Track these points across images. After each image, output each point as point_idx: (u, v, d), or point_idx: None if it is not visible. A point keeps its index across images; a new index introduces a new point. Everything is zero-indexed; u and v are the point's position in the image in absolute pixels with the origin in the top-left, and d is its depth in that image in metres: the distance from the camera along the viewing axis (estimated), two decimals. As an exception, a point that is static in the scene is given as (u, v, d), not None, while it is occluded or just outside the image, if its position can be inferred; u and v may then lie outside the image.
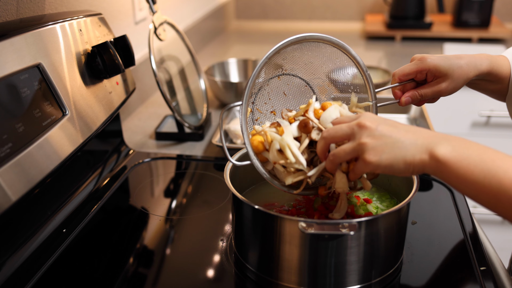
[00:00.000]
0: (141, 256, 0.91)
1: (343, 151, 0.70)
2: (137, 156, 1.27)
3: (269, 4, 2.83)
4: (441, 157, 0.63)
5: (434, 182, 1.12)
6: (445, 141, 0.65)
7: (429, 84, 0.89)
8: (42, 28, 0.89)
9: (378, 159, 0.67)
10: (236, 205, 0.83)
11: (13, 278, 0.81)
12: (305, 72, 0.86)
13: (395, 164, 0.66)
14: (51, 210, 0.96)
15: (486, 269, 0.84)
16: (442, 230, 0.96)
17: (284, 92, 0.84)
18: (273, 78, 0.83)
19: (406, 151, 0.66)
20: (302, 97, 0.87)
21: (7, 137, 0.75)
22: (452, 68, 0.87)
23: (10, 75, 0.78)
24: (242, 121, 0.77)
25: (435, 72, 0.87)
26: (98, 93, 1.03)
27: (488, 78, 0.92)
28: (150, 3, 1.29)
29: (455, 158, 0.63)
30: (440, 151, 0.64)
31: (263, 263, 0.81)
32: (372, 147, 0.67)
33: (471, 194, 0.63)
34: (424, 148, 0.65)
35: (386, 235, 0.77)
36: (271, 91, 0.83)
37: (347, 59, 0.84)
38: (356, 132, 0.69)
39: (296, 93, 0.86)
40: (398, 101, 0.90)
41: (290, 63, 0.83)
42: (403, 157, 0.66)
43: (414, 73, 0.88)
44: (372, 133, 0.67)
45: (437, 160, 0.64)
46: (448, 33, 2.33)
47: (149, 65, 1.58)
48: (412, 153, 0.65)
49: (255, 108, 0.84)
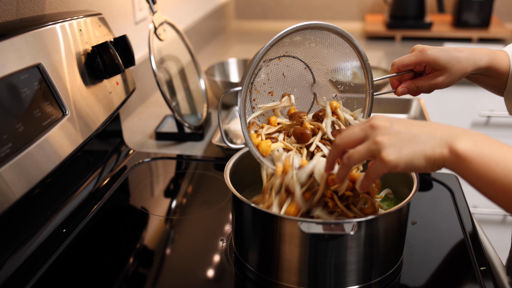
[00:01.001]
0: (141, 256, 0.91)
1: (358, 152, 0.65)
2: (137, 156, 1.27)
3: (269, 4, 2.83)
4: (462, 152, 0.60)
5: (434, 182, 1.12)
6: (466, 135, 0.62)
7: (427, 76, 0.90)
8: (42, 28, 0.89)
9: (397, 156, 0.62)
10: (236, 205, 0.83)
11: (13, 278, 0.81)
12: (306, 56, 0.87)
13: (416, 160, 0.62)
14: (51, 210, 0.96)
15: (486, 269, 0.84)
16: (442, 230, 0.96)
17: (283, 74, 0.85)
18: (273, 59, 0.83)
19: (425, 144, 0.62)
20: (301, 80, 0.87)
21: (7, 137, 0.75)
22: (451, 62, 0.87)
23: (10, 75, 0.78)
24: (241, 105, 0.77)
25: (433, 65, 0.88)
26: (98, 93, 1.03)
27: (486, 73, 0.93)
28: (150, 3, 1.29)
29: (476, 154, 0.60)
30: (460, 145, 0.61)
31: (263, 263, 0.81)
32: (389, 145, 0.63)
33: (489, 193, 0.61)
34: (444, 141, 0.62)
35: (386, 235, 0.77)
36: (270, 72, 0.84)
37: (348, 47, 0.85)
38: (370, 133, 0.65)
39: (295, 76, 0.87)
40: (395, 90, 0.91)
41: (292, 46, 0.84)
42: (423, 152, 0.62)
43: (413, 65, 0.89)
44: (388, 131, 0.64)
45: (457, 155, 0.61)
46: (448, 33, 2.33)
47: (149, 65, 1.58)
48: (432, 147, 0.62)
49: (253, 88, 0.84)
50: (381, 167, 0.64)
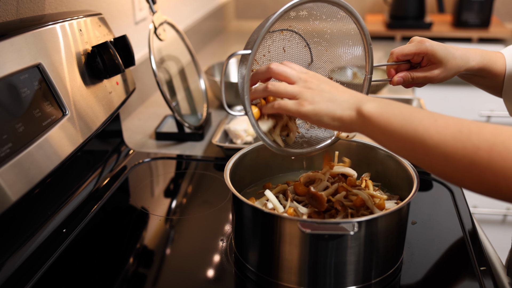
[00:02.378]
0: (141, 256, 0.91)
1: (284, 87, 0.74)
2: (137, 156, 1.27)
3: (269, 4, 2.82)
4: (366, 112, 0.68)
5: (434, 182, 1.12)
6: (373, 100, 0.70)
7: (423, 68, 0.91)
8: (42, 28, 0.89)
9: (310, 109, 0.72)
10: (236, 205, 0.83)
11: (13, 278, 0.81)
12: (308, 35, 0.86)
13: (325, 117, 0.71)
14: (51, 210, 0.96)
15: (486, 269, 0.84)
16: (442, 230, 0.96)
17: (284, 48, 0.85)
18: (276, 31, 0.83)
19: (338, 106, 0.71)
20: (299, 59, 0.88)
21: (7, 137, 0.75)
22: (447, 57, 0.89)
23: (10, 75, 0.78)
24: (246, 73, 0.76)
25: (431, 58, 0.89)
26: (98, 93, 1.03)
27: (480, 74, 0.95)
28: (150, 3, 1.29)
29: (378, 113, 0.67)
30: (366, 107, 0.69)
31: (263, 263, 0.81)
32: (310, 97, 0.72)
33: (391, 145, 0.68)
34: (354, 105, 0.70)
35: (386, 235, 0.77)
36: (271, 44, 0.84)
37: (353, 29, 0.85)
38: (300, 82, 0.74)
39: (294, 52, 0.87)
40: (390, 79, 0.92)
41: (296, 21, 0.84)
42: (333, 112, 0.71)
43: (412, 55, 0.90)
44: (315, 86, 0.73)
45: (362, 116, 0.69)
46: (448, 33, 2.33)
47: (149, 65, 1.58)
48: (342, 109, 0.71)
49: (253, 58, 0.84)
50: (293, 109, 0.73)
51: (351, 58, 0.88)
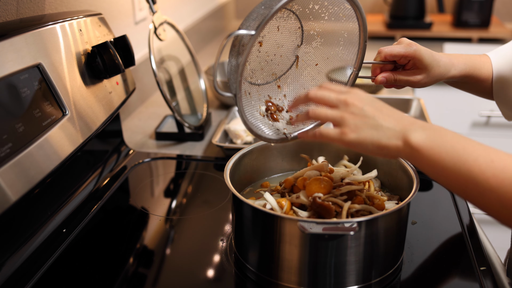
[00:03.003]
0: (141, 256, 0.91)
1: (324, 113, 0.71)
2: (137, 156, 1.27)
3: (269, 4, 2.82)
4: (414, 144, 0.65)
5: (434, 182, 1.12)
6: (421, 129, 0.66)
7: (406, 72, 0.91)
8: (42, 28, 0.89)
9: (354, 137, 0.68)
10: (236, 205, 0.83)
11: (13, 278, 0.81)
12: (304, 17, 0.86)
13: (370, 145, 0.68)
14: (51, 210, 0.96)
15: (486, 269, 0.84)
16: (442, 230, 0.96)
17: (278, 27, 0.84)
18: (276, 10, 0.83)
19: (383, 135, 0.67)
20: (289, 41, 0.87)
21: (7, 137, 0.75)
22: (432, 64, 0.89)
23: (10, 75, 0.78)
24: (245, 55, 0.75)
25: (417, 62, 0.89)
26: (98, 93, 1.03)
27: (464, 81, 0.95)
28: (150, 3, 1.29)
29: (428, 146, 0.64)
30: (414, 138, 0.65)
31: (263, 263, 0.81)
32: (353, 124, 0.68)
33: (442, 180, 0.65)
34: (401, 134, 0.66)
35: (386, 235, 0.77)
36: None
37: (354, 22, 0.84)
38: (341, 106, 0.70)
39: (285, 33, 0.86)
40: (374, 78, 0.92)
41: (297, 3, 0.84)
42: (378, 141, 0.67)
43: (400, 56, 0.90)
44: (357, 111, 0.69)
45: (410, 147, 0.65)
46: (448, 33, 2.33)
47: (149, 65, 1.58)
48: (388, 138, 0.67)
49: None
50: (336, 137, 0.70)
51: (342, 50, 0.88)
